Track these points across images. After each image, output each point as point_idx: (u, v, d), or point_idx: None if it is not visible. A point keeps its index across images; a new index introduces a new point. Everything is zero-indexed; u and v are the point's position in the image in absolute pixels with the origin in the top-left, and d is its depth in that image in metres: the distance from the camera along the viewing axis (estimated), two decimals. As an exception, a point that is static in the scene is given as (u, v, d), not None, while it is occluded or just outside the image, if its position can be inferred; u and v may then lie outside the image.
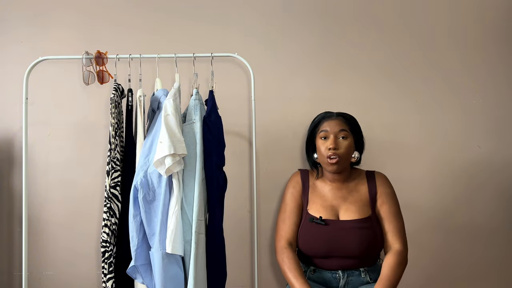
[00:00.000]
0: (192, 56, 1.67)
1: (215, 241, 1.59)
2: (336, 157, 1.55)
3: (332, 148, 1.56)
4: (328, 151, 1.56)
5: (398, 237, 1.55)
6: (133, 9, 2.02)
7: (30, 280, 1.94)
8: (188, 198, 1.53)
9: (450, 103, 2.03)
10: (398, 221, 1.59)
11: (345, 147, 1.57)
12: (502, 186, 2.04)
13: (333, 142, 1.56)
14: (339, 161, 1.56)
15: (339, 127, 1.58)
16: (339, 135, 1.58)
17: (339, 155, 1.56)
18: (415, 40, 2.04)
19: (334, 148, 1.55)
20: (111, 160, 1.57)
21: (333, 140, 1.56)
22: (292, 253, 1.56)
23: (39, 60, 1.70)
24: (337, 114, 1.64)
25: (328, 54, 2.03)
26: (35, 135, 1.96)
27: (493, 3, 2.04)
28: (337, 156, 1.55)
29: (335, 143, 1.56)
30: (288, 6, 2.03)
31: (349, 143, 1.59)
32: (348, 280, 1.56)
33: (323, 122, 1.62)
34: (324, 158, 1.59)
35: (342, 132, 1.58)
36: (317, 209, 1.60)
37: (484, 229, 2.03)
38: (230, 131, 1.95)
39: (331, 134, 1.58)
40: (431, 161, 2.03)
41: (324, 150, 1.58)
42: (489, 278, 2.04)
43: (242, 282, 2.02)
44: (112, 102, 1.58)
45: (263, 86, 1.95)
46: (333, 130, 1.58)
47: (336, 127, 1.58)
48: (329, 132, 1.58)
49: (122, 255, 1.60)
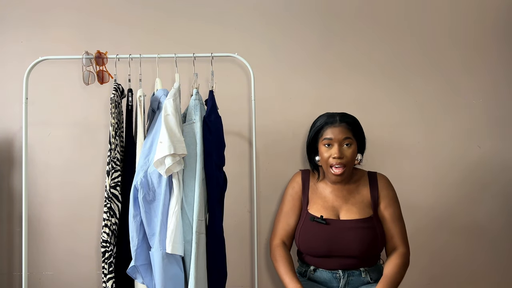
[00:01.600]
0: (192, 56, 1.67)
1: (216, 241, 1.59)
2: (340, 166, 1.54)
3: (337, 157, 1.52)
4: (332, 160, 1.54)
5: (402, 240, 1.58)
6: (133, 9, 2.02)
7: (30, 280, 1.94)
8: (188, 198, 1.53)
9: (451, 103, 2.03)
10: (401, 224, 1.61)
11: (350, 155, 1.55)
12: (502, 186, 2.04)
13: (337, 151, 1.52)
14: (344, 171, 1.54)
15: (343, 135, 1.54)
16: (343, 143, 1.54)
17: (344, 164, 1.54)
18: (416, 40, 2.03)
19: (339, 157, 1.53)
20: (111, 160, 1.57)
21: (338, 149, 1.53)
22: (284, 251, 1.58)
23: (39, 60, 1.70)
24: (340, 119, 1.57)
25: (329, 54, 2.03)
26: (35, 135, 1.96)
27: (494, 4, 2.04)
28: (342, 165, 1.54)
29: (339, 151, 1.53)
30: (288, 6, 2.03)
31: (353, 150, 1.56)
32: (348, 280, 1.56)
33: (326, 129, 1.57)
34: (327, 166, 1.57)
35: (346, 140, 1.54)
36: (317, 209, 1.60)
37: (485, 229, 2.03)
38: (230, 131, 1.94)
39: (335, 143, 1.54)
40: (431, 161, 2.03)
41: (328, 159, 1.55)
42: (491, 279, 2.04)
43: (242, 282, 2.02)
44: (112, 102, 1.58)
45: (263, 86, 1.95)
46: (337, 138, 1.54)
47: (340, 134, 1.54)
48: (333, 140, 1.54)
49: (122, 255, 1.60)
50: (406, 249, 1.57)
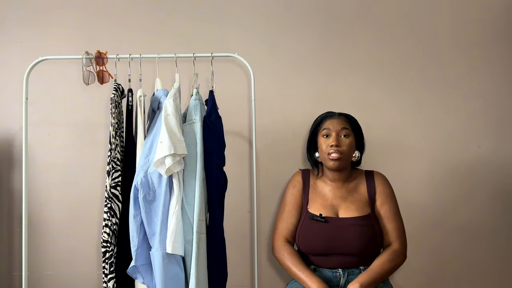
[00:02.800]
0: (192, 56, 1.67)
1: (216, 241, 1.59)
2: (337, 153, 1.57)
3: (334, 145, 1.58)
4: (329, 148, 1.59)
5: (397, 237, 1.58)
6: (133, 9, 2.02)
7: (30, 280, 1.94)
8: (189, 198, 1.53)
9: (451, 103, 2.03)
10: (397, 221, 1.61)
11: (347, 144, 1.59)
12: (502, 185, 2.04)
13: (335, 139, 1.58)
14: (340, 158, 1.58)
15: (341, 125, 1.61)
16: (341, 133, 1.60)
17: (340, 152, 1.58)
18: (416, 39, 2.04)
19: (337, 145, 1.58)
20: (112, 160, 1.57)
21: (335, 138, 1.59)
22: (292, 248, 1.60)
23: (39, 60, 1.70)
24: (339, 114, 1.67)
25: (329, 54, 2.03)
26: (35, 135, 1.96)
27: (494, 4, 2.04)
28: (339, 152, 1.57)
29: (337, 140, 1.58)
30: (288, 6, 2.03)
31: (350, 141, 1.61)
32: (348, 278, 1.56)
33: (325, 121, 1.64)
34: (325, 155, 1.60)
35: (344, 130, 1.60)
36: (317, 208, 1.61)
37: (484, 229, 2.04)
38: (230, 131, 1.94)
39: (333, 132, 1.60)
40: (431, 160, 2.03)
41: (326, 148, 1.60)
42: (489, 277, 2.04)
43: (242, 282, 2.02)
44: (112, 102, 1.58)
45: (263, 86, 1.95)
46: (335, 128, 1.60)
47: (338, 125, 1.61)
48: (331, 130, 1.61)
49: (122, 255, 1.60)
50: (399, 246, 1.57)
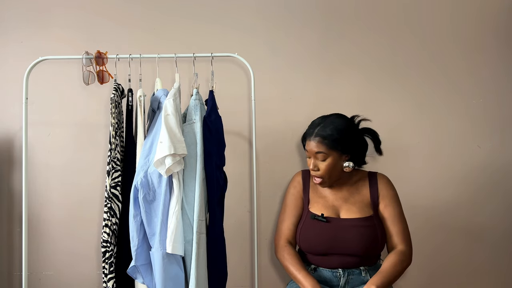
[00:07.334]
0: (192, 56, 1.67)
1: (216, 241, 1.59)
2: (317, 178, 1.59)
3: (312, 169, 1.58)
4: (311, 171, 1.60)
5: (402, 239, 1.57)
6: (133, 9, 2.02)
7: (30, 280, 1.94)
8: (189, 198, 1.53)
9: (451, 103, 2.03)
10: (402, 223, 1.60)
11: (323, 169, 1.56)
12: (502, 185, 2.04)
13: (312, 163, 1.58)
14: (322, 181, 1.59)
15: (316, 149, 1.55)
16: (317, 156, 1.57)
17: (319, 176, 1.58)
18: (416, 39, 2.04)
19: (313, 170, 1.58)
20: (112, 160, 1.57)
21: (313, 162, 1.58)
22: (292, 249, 1.59)
23: (39, 60, 1.70)
24: (316, 133, 1.56)
25: (329, 54, 2.03)
26: (35, 135, 1.96)
27: (494, 4, 2.04)
28: (318, 177, 1.59)
29: (313, 164, 1.58)
30: (288, 5, 2.03)
31: (328, 163, 1.56)
32: (348, 279, 1.56)
33: (306, 140, 1.61)
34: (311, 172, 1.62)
35: (319, 155, 1.56)
36: (318, 208, 1.60)
37: (485, 229, 2.03)
38: (230, 131, 1.94)
39: (311, 155, 1.59)
40: (431, 161, 2.03)
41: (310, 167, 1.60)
42: (490, 278, 2.04)
43: (242, 282, 2.02)
44: (112, 102, 1.58)
45: (263, 86, 1.95)
46: (312, 151, 1.57)
47: (314, 148, 1.56)
48: (309, 152, 1.59)
49: (122, 255, 1.60)
50: (406, 247, 1.56)
